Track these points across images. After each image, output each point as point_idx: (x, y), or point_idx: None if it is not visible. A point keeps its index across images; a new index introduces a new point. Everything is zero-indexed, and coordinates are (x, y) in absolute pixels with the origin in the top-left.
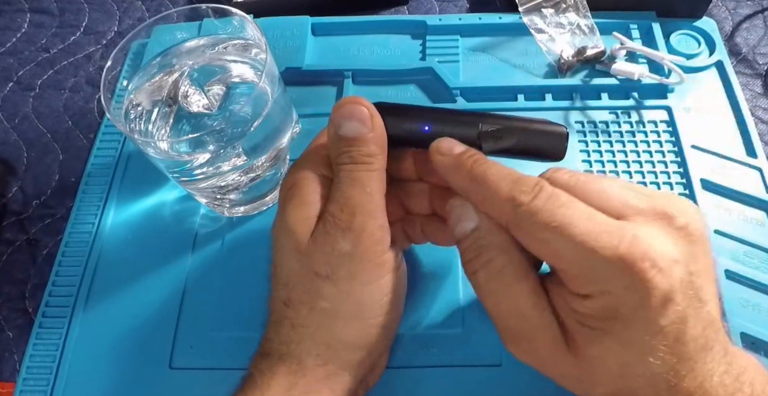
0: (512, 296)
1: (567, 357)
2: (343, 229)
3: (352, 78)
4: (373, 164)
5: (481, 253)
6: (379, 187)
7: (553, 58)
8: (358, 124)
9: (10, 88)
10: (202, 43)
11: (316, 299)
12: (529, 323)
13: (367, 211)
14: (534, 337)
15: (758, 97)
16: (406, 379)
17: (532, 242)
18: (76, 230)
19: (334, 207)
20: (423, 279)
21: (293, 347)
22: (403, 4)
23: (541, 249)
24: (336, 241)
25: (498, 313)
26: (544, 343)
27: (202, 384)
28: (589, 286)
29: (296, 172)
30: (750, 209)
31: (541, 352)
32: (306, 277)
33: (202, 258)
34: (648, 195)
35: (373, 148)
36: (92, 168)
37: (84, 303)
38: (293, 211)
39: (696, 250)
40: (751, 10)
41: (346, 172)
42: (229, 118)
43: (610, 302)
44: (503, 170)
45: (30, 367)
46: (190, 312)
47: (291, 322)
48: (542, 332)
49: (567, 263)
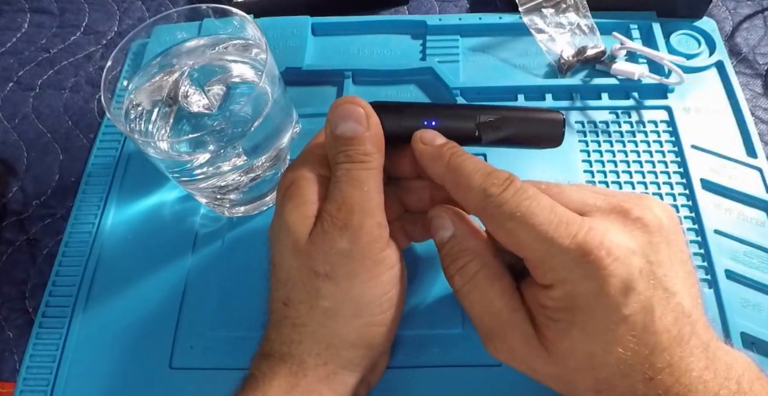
0: (485, 297)
1: (541, 354)
2: (341, 227)
3: (352, 78)
4: (370, 163)
5: (456, 259)
6: (376, 186)
7: (553, 58)
8: (354, 123)
9: (10, 88)
10: (203, 43)
11: (316, 298)
12: (501, 322)
13: (365, 209)
14: (507, 335)
15: (758, 97)
16: (406, 379)
17: (500, 231)
18: (76, 230)
19: (332, 206)
20: (423, 278)
21: (294, 347)
22: (403, 4)
23: (507, 238)
24: (334, 240)
25: (473, 313)
26: (517, 341)
27: (202, 384)
28: (550, 275)
29: (294, 171)
30: (750, 209)
31: (516, 351)
32: (305, 276)
33: (202, 258)
34: (606, 194)
35: (370, 147)
36: (92, 168)
37: (84, 303)
38: (292, 210)
39: (655, 241)
40: (751, 10)
41: (344, 171)
42: (229, 118)
43: (570, 291)
44: (478, 163)
45: (30, 367)
46: (190, 312)
47: (291, 322)
48: (514, 330)
49: (529, 251)
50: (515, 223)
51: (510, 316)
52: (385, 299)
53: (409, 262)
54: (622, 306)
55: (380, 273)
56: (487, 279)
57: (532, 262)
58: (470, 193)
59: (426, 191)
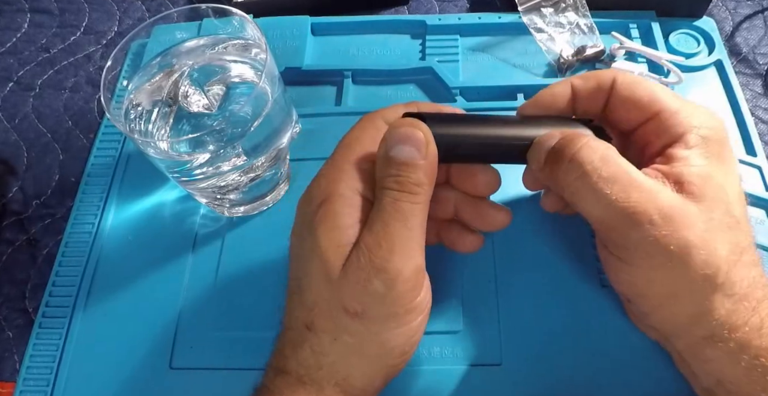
0: (621, 169)
1: (688, 201)
2: (379, 269)
3: (351, 78)
4: (419, 195)
5: (576, 139)
6: (421, 222)
7: (552, 58)
8: (412, 149)
9: (10, 88)
10: (202, 43)
11: (342, 333)
12: (648, 186)
13: (406, 250)
14: (654, 195)
15: (758, 97)
16: (406, 379)
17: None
18: (76, 230)
19: (372, 240)
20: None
21: (312, 372)
22: (403, 4)
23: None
24: (369, 280)
25: (618, 186)
26: (666, 197)
27: (202, 384)
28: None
29: (329, 185)
30: (750, 208)
31: (666, 211)
32: (334, 310)
33: (202, 258)
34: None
35: (423, 176)
36: (92, 168)
37: (84, 303)
38: (326, 234)
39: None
40: (751, 10)
41: (390, 200)
42: (229, 118)
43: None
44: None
45: (30, 367)
46: (190, 312)
47: (311, 348)
48: (662, 192)
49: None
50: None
51: (655, 182)
52: (409, 344)
53: None
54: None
55: (411, 321)
56: (617, 155)
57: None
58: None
59: (452, 201)
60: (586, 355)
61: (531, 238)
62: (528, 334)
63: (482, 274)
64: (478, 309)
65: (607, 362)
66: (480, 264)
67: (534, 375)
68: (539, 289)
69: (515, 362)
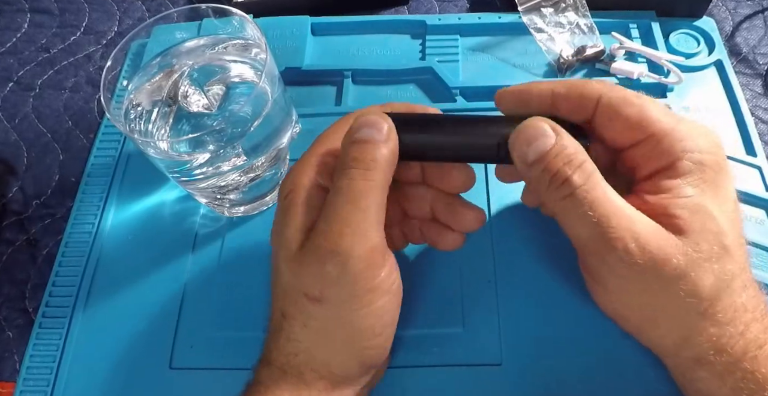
0: (606, 194)
1: (672, 236)
2: (329, 251)
3: (351, 78)
4: (375, 172)
5: (571, 160)
6: (376, 203)
7: (552, 58)
8: (373, 130)
9: (10, 88)
10: (202, 43)
11: (308, 318)
12: (630, 214)
13: (359, 230)
14: (635, 227)
15: (758, 97)
16: (406, 379)
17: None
18: (76, 230)
19: (323, 223)
20: (423, 279)
21: (291, 359)
22: (403, 4)
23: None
24: (323, 263)
25: (601, 210)
26: (649, 230)
27: (202, 384)
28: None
29: (295, 178)
30: (750, 208)
31: (650, 242)
32: (296, 295)
33: (202, 258)
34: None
35: (380, 155)
36: (92, 168)
37: (84, 303)
38: (287, 221)
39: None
40: (751, 10)
41: (346, 182)
42: (229, 118)
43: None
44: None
45: (30, 367)
46: (190, 312)
47: (286, 335)
48: (641, 222)
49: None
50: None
51: (635, 211)
52: (379, 325)
53: (410, 262)
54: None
55: (372, 301)
56: (601, 179)
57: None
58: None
59: (427, 199)
60: (586, 355)
61: (531, 238)
62: (528, 334)
63: (482, 274)
64: (478, 309)
65: (606, 362)
66: (480, 264)
67: (534, 375)
68: (539, 290)
69: (515, 362)
